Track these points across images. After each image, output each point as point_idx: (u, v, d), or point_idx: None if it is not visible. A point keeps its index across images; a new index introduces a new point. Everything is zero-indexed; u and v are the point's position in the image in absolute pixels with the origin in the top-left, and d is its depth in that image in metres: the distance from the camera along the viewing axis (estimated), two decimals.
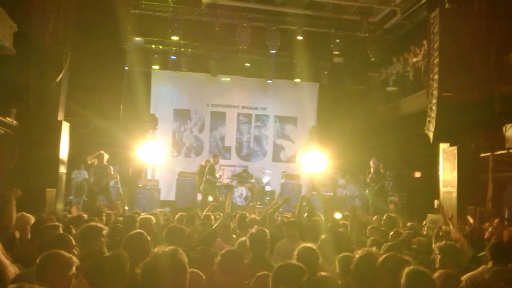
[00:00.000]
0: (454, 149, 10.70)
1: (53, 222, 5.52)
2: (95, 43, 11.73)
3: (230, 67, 16.95)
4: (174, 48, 16.18)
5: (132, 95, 15.58)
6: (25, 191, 8.93)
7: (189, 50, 16.16)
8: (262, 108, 17.96)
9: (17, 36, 7.72)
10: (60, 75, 10.40)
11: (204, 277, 3.36)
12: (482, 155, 9.53)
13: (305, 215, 7.92)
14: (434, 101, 10.66)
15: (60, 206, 10.78)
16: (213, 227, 5.58)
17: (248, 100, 17.87)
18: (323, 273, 3.23)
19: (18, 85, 9.29)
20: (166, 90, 17.27)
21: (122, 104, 14.66)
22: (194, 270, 3.68)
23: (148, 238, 4.15)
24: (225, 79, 17.40)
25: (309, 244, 3.94)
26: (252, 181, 15.41)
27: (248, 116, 17.93)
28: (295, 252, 3.78)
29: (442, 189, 11.43)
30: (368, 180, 13.56)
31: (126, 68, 15.33)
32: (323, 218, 7.30)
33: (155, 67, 16.30)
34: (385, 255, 3.35)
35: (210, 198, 13.66)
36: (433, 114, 10.71)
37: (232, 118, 17.76)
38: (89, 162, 12.20)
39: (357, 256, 3.47)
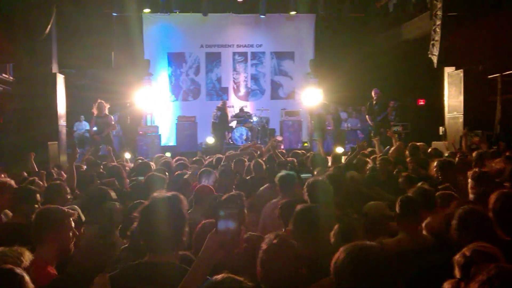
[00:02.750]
0: (460, 72, 10.51)
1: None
2: None
3: (222, 5, 16.26)
4: None
5: (125, 42, 15.17)
6: (29, 146, 8.98)
7: None
8: (257, 45, 17.46)
9: None
10: (49, 27, 10.06)
11: None
12: (490, 76, 9.33)
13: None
14: (438, 22, 10.33)
15: (63, 158, 10.86)
16: None
17: (242, 38, 17.34)
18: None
19: (5, 40, 9.04)
20: (158, 34, 16.68)
21: (113, 51, 14.31)
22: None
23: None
24: None
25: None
26: (251, 120, 15.27)
27: (243, 55, 17.48)
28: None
29: (447, 115, 11.35)
30: (367, 112, 13.09)
31: (114, 14, 14.78)
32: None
33: (146, 10, 15.63)
34: None
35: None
36: (437, 37, 10.42)
37: (228, 58, 17.31)
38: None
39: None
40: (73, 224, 3.00)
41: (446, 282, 2.19)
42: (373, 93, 12.87)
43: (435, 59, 10.83)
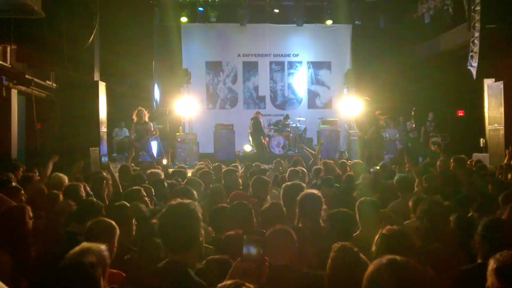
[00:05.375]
0: (500, 84, 10.25)
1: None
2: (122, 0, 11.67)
3: (259, 15, 16.51)
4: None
5: (164, 51, 15.60)
6: (70, 151, 9.34)
7: (216, 0, 15.76)
8: (294, 55, 17.58)
9: None
10: (92, 36, 10.46)
11: None
12: None
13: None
14: (477, 34, 10.13)
15: None
16: None
17: (279, 48, 17.49)
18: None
19: (52, 49, 9.41)
20: (196, 43, 17.09)
21: (154, 60, 14.71)
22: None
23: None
24: None
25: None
26: (289, 129, 15.35)
27: (280, 64, 17.63)
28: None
29: (488, 127, 11.07)
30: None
31: (155, 23, 15.22)
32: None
33: (183, 19, 16.05)
34: None
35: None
36: (476, 48, 10.22)
37: (265, 67, 17.50)
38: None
39: None
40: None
41: None
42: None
43: (474, 71, 10.61)
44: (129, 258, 3.36)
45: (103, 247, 2.55)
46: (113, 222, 3.28)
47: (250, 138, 14.75)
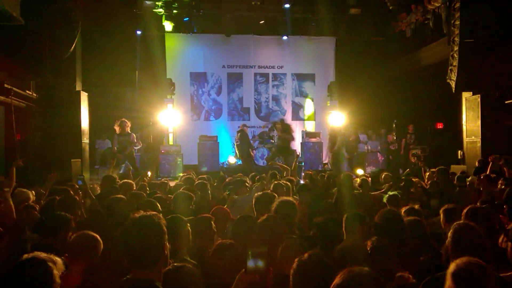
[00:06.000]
0: (478, 98, 10.46)
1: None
2: (105, 9, 11.60)
3: (244, 26, 16.61)
4: (186, 9, 15.84)
5: (147, 61, 15.52)
6: (51, 163, 9.21)
7: (201, 10, 15.80)
8: (279, 67, 17.69)
9: (24, 5, 7.63)
10: (73, 45, 10.36)
11: None
12: (507, 102, 9.27)
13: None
14: (456, 48, 10.35)
15: (86, 175, 10.97)
16: None
17: (264, 60, 17.56)
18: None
19: (32, 58, 9.31)
20: (181, 53, 17.08)
21: (137, 70, 14.67)
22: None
23: None
24: None
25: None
26: (273, 141, 15.42)
27: (265, 76, 17.72)
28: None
29: (465, 139, 11.26)
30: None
31: (138, 32, 15.16)
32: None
33: (168, 28, 16.00)
34: None
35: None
36: (455, 62, 10.43)
37: (249, 78, 17.56)
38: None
39: None
40: None
41: None
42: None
43: (453, 84, 10.82)
44: None
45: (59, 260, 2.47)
46: (97, 236, 3.23)
47: (237, 151, 14.75)
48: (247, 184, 7.21)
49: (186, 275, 2.61)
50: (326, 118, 16.43)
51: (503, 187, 6.29)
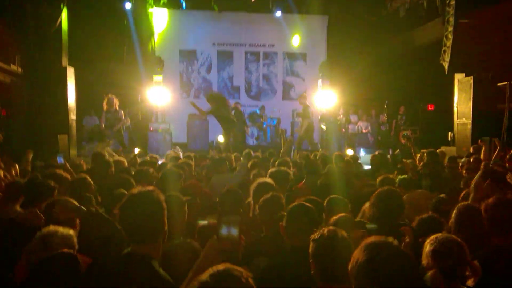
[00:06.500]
0: (470, 79, 10.41)
1: None
2: None
3: (234, 2, 16.29)
4: None
5: (136, 37, 15.22)
6: (38, 138, 9.07)
7: None
8: (270, 45, 17.48)
9: None
10: (59, 19, 10.10)
11: None
12: (499, 84, 9.21)
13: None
14: (450, 28, 10.25)
15: (73, 152, 10.90)
16: None
17: (255, 38, 17.36)
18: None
19: (14, 31, 9.07)
20: (170, 30, 16.75)
21: (125, 45, 14.39)
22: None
23: None
24: None
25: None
26: (263, 120, 15.32)
27: (255, 54, 17.52)
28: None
29: (456, 121, 11.26)
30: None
31: (128, 7, 14.78)
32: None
33: (157, 4, 15.63)
34: None
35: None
36: (449, 43, 10.35)
37: (240, 57, 17.36)
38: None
39: None
40: None
41: None
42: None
43: (446, 65, 10.75)
44: None
45: (71, 232, 2.49)
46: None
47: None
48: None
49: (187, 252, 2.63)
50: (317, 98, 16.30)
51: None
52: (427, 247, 2.37)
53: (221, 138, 14.79)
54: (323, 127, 14.34)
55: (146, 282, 2.16)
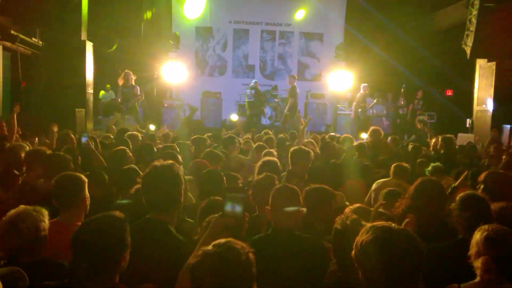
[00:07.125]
0: (493, 65, 10.25)
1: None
2: None
3: None
4: None
5: (153, 14, 15.12)
6: (56, 111, 9.11)
7: None
8: (286, 25, 17.27)
9: None
10: None
11: None
12: None
13: None
14: (475, 12, 10.02)
15: (89, 125, 10.96)
16: None
17: (271, 17, 17.14)
18: None
19: (39, 9, 9.07)
20: (187, 8, 16.58)
21: (142, 22, 14.31)
22: None
23: None
24: None
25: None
26: (276, 100, 15.22)
27: (272, 33, 17.33)
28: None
29: (476, 107, 11.11)
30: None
31: None
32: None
33: None
34: None
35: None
36: (472, 27, 10.14)
37: (256, 35, 17.19)
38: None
39: None
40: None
41: None
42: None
43: (468, 50, 10.57)
44: None
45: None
46: (82, 176, 3.23)
47: (247, 107, 14.34)
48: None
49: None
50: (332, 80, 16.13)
51: None
52: (478, 235, 2.34)
53: (234, 117, 14.80)
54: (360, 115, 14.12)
55: (164, 242, 2.42)
